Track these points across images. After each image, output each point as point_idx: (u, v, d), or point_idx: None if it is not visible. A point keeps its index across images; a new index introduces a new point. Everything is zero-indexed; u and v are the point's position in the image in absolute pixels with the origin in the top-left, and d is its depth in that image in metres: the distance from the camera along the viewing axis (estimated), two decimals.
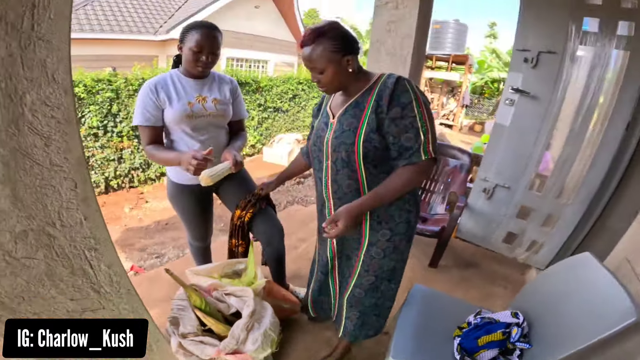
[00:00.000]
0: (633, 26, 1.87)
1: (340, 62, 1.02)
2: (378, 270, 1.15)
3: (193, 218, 1.59)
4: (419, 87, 1.02)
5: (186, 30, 1.32)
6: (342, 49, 1.01)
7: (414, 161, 0.99)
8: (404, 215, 1.09)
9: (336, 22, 1.04)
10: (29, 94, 0.61)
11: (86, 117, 4.46)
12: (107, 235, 0.81)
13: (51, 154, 0.66)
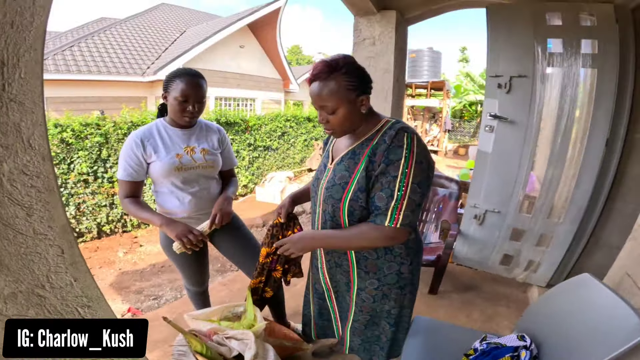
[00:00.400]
0: (596, 44, 1.97)
1: (354, 102, 0.93)
2: (372, 311, 1.11)
3: (188, 266, 1.54)
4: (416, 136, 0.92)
5: (170, 79, 1.29)
6: (357, 87, 0.92)
7: (377, 222, 0.91)
8: (394, 267, 1.02)
9: (350, 56, 0.96)
10: (6, 163, 0.60)
11: (75, 163, 4.38)
12: (99, 294, 0.81)
13: (34, 223, 0.65)
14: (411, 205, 0.88)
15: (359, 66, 0.95)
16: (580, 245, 2.22)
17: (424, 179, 0.89)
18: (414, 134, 0.91)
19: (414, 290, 1.09)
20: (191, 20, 12.44)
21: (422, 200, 0.90)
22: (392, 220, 0.89)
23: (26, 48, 0.61)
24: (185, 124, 1.35)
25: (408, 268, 1.03)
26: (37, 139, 0.64)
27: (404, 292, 1.07)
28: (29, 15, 0.61)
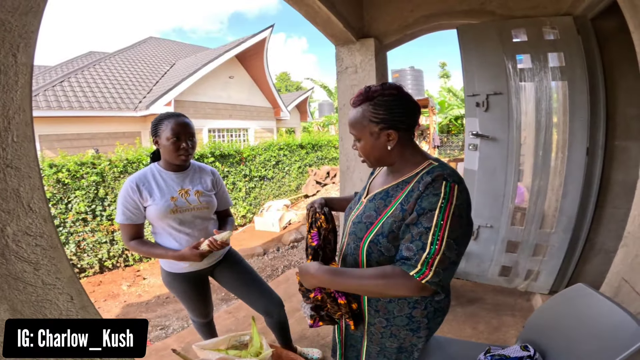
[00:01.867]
0: (562, 56, 2.05)
1: (377, 135, 0.87)
2: (381, 345, 1.04)
3: (191, 301, 1.57)
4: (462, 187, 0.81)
5: (156, 124, 1.35)
6: (383, 120, 0.86)
7: (403, 269, 0.80)
8: (404, 310, 0.93)
9: (394, 86, 0.88)
10: (9, 226, 0.63)
11: (73, 202, 4.39)
12: None
13: (42, 276, 0.68)
14: (444, 262, 0.77)
15: (397, 100, 0.87)
16: (577, 252, 2.23)
17: (461, 235, 0.79)
18: (455, 183, 0.80)
19: (430, 335, 1.00)
20: (179, 53, 12.75)
21: (458, 259, 0.79)
22: (420, 273, 0.78)
23: (15, 109, 0.63)
24: (181, 163, 1.39)
25: (422, 313, 0.93)
26: (36, 202, 0.68)
27: (418, 335, 0.97)
28: (13, 73, 0.64)
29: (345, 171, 2.82)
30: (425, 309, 0.93)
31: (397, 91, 0.88)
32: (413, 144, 0.92)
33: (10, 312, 0.63)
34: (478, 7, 2.27)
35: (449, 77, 22.42)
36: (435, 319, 0.97)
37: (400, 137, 0.88)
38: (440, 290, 0.79)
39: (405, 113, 0.87)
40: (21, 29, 0.64)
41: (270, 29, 10.14)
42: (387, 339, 1.01)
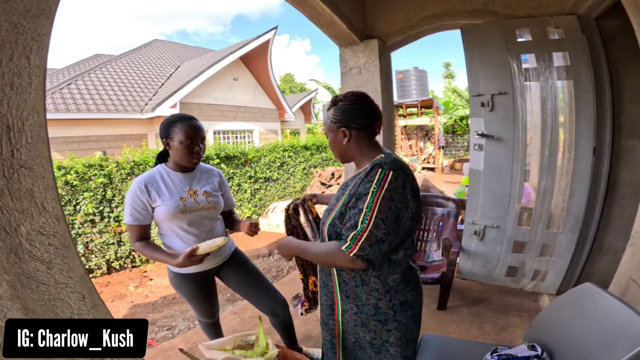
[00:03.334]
0: (567, 55, 2.04)
1: (336, 132, 1.04)
2: (355, 335, 1.08)
3: (197, 301, 1.59)
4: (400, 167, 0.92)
5: (168, 126, 1.36)
6: (339, 120, 1.02)
7: (341, 245, 0.92)
8: (371, 299, 1.00)
9: (358, 95, 1.05)
10: (23, 225, 0.63)
11: (81, 204, 4.45)
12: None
13: (55, 275, 0.69)
14: (371, 239, 0.88)
15: (352, 104, 1.03)
16: (585, 252, 2.21)
17: (391, 216, 0.88)
18: (390, 170, 0.90)
19: (403, 329, 1.03)
20: (184, 55, 12.85)
21: (386, 237, 0.89)
22: (348, 247, 0.90)
23: (29, 111, 0.65)
24: (193, 165, 1.42)
25: (387, 305, 0.99)
26: (50, 202, 0.69)
27: (387, 327, 1.01)
28: (27, 76, 0.65)
29: (349, 172, 2.82)
30: (390, 301, 0.99)
31: (356, 98, 1.04)
32: (371, 142, 1.05)
33: (23, 310, 0.64)
34: (481, 7, 2.27)
35: (453, 78, 22.35)
36: (403, 313, 1.01)
37: (354, 135, 1.03)
38: (369, 265, 0.91)
39: (359, 115, 1.02)
40: (33, 32, 0.66)
41: (274, 30, 10.18)
42: (360, 328, 1.05)
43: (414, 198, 0.93)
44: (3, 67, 0.61)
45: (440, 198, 2.84)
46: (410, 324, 1.05)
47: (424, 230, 2.78)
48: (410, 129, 13.46)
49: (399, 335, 1.03)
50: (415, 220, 0.97)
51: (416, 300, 1.04)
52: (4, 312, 0.61)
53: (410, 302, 1.02)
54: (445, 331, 2.09)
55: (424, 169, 11.70)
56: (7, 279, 0.61)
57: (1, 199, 0.60)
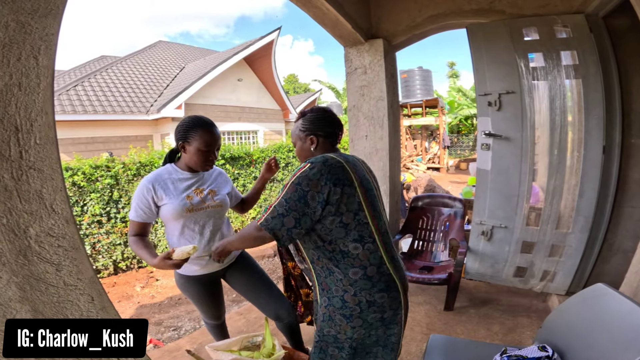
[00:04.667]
0: (575, 54, 2.02)
1: (304, 139, 1.16)
2: (321, 329, 1.10)
3: (204, 303, 1.59)
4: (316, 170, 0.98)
5: (188, 129, 1.34)
6: (307, 129, 1.15)
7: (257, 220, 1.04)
8: (339, 290, 1.03)
9: (323, 109, 1.19)
10: (32, 227, 0.63)
11: (88, 205, 4.49)
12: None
13: (64, 277, 0.68)
14: (274, 212, 0.98)
15: (318, 116, 1.17)
16: (594, 252, 2.18)
17: (294, 198, 0.96)
18: (309, 163, 1.00)
19: (367, 327, 1.03)
20: (189, 56, 12.91)
21: (287, 212, 0.96)
22: (258, 219, 1.02)
23: (37, 112, 0.64)
24: (205, 171, 1.45)
25: (353, 299, 1.01)
26: (59, 203, 0.68)
27: (352, 324, 1.02)
28: (35, 76, 0.65)
29: None
30: (355, 296, 1.01)
31: (322, 111, 1.19)
32: (333, 149, 1.17)
33: (32, 313, 0.64)
34: (487, 6, 2.25)
35: (458, 77, 22.20)
36: (369, 312, 1.02)
37: (321, 142, 1.15)
38: (267, 231, 0.98)
39: (324, 125, 1.15)
40: (41, 32, 0.65)
41: (277, 31, 10.19)
42: (326, 322, 1.07)
43: (338, 186, 0.97)
44: (11, 67, 0.61)
45: (447, 198, 2.82)
46: (378, 328, 1.05)
47: (430, 230, 2.77)
48: (415, 129, 13.40)
49: (360, 333, 1.04)
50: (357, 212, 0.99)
51: (386, 303, 1.02)
52: (13, 315, 0.61)
53: (377, 302, 1.01)
54: (452, 332, 2.07)
55: (429, 169, 11.64)
56: (16, 281, 0.60)
57: (10, 201, 0.60)
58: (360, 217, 0.99)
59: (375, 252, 1.02)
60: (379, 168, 2.67)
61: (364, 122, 2.66)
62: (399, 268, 1.08)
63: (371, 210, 1.03)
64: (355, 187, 1.00)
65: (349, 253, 1.00)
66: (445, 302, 2.33)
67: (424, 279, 2.31)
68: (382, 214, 1.10)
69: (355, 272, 1.01)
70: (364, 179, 1.05)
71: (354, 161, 1.08)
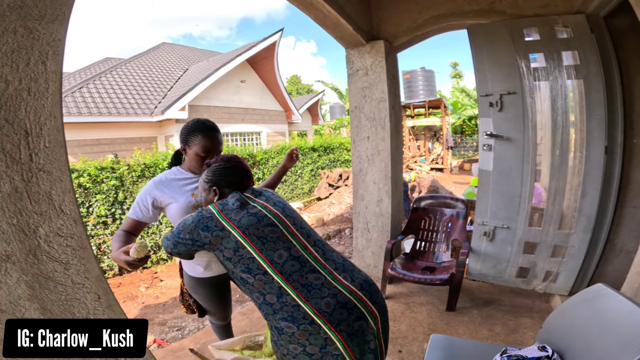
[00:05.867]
0: (576, 54, 2.02)
1: (208, 191, 1.22)
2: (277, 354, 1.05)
3: (212, 304, 1.61)
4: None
5: (189, 132, 1.37)
6: (210, 180, 1.20)
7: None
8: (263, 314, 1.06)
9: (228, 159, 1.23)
10: (41, 227, 0.65)
11: (94, 206, 4.54)
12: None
13: (72, 275, 0.71)
14: (167, 234, 1.16)
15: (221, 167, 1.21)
16: (597, 252, 2.18)
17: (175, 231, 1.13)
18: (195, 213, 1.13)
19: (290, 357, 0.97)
20: (192, 58, 12.97)
21: (170, 237, 1.14)
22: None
23: (46, 116, 0.67)
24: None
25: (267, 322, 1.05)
26: (67, 204, 0.71)
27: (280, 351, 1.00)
28: (43, 81, 0.67)
29: (357, 173, 2.82)
30: (267, 319, 1.04)
31: (227, 160, 1.23)
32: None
33: (41, 311, 0.65)
34: (488, 7, 2.26)
35: (461, 77, 22.14)
36: (284, 341, 0.96)
37: (226, 192, 1.19)
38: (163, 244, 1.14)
39: (226, 176, 1.19)
40: (49, 37, 0.67)
41: (280, 32, 10.23)
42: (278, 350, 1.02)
43: (207, 231, 1.07)
44: (20, 73, 0.63)
45: (449, 199, 2.83)
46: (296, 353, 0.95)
47: (433, 231, 2.77)
48: (418, 130, 13.38)
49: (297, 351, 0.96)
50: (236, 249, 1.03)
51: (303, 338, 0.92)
52: (22, 312, 0.63)
53: (284, 331, 0.95)
54: (454, 332, 2.07)
55: (432, 170, 11.61)
56: (25, 279, 0.62)
57: (20, 202, 0.62)
58: (240, 253, 1.02)
59: (271, 282, 0.98)
60: (381, 169, 2.68)
61: (366, 124, 2.67)
62: (322, 297, 0.95)
63: (257, 244, 1.01)
64: (229, 230, 1.05)
65: (245, 280, 1.04)
66: (447, 303, 2.33)
67: (426, 280, 2.32)
68: (282, 243, 1.03)
69: (257, 296, 1.02)
70: (244, 218, 1.06)
71: (233, 206, 1.09)
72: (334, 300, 0.95)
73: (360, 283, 1.03)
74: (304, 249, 1.06)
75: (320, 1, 1.95)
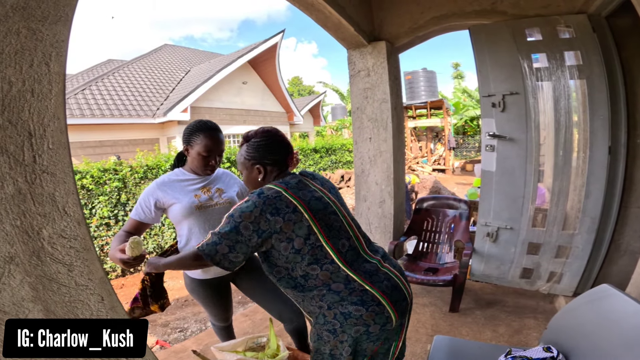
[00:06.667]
0: (579, 54, 2.01)
1: (251, 169, 1.11)
2: (317, 349, 1.07)
3: (213, 306, 1.61)
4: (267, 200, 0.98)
5: (191, 133, 1.37)
6: (253, 157, 1.10)
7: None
8: (317, 309, 1.03)
9: (268, 132, 1.13)
10: (45, 229, 0.65)
11: (96, 207, 4.56)
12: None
13: (75, 277, 0.70)
14: (209, 239, 1.00)
15: (263, 141, 1.11)
16: (602, 253, 2.16)
17: (226, 229, 0.98)
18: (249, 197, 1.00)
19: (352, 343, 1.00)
20: (194, 60, 13.03)
21: (219, 241, 0.98)
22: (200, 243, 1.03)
23: (50, 117, 0.66)
24: (206, 175, 1.47)
25: (329, 313, 1.00)
26: (71, 206, 0.70)
27: (338, 338, 1.00)
28: (47, 82, 0.67)
29: (360, 175, 2.82)
30: (330, 309, 1.00)
31: (268, 134, 1.12)
32: (281, 175, 1.12)
33: (44, 312, 0.65)
34: (489, 7, 2.25)
35: (462, 78, 22.11)
36: (348, 325, 0.98)
37: (269, 170, 1.10)
38: (204, 257, 0.99)
39: (270, 153, 1.10)
40: (52, 38, 0.67)
41: (281, 34, 10.26)
42: (318, 342, 1.05)
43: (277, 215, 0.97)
44: (24, 74, 0.63)
45: (452, 200, 2.82)
46: (363, 341, 1.00)
47: (435, 232, 2.77)
48: (420, 131, 13.37)
49: (351, 350, 1.00)
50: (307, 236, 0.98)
51: (364, 317, 0.97)
52: (25, 314, 0.63)
53: (352, 314, 0.97)
54: (457, 333, 2.06)
55: (434, 171, 11.58)
56: (29, 281, 0.62)
57: (24, 204, 0.62)
58: (311, 240, 0.98)
59: (337, 272, 0.99)
60: (383, 170, 2.68)
61: (368, 125, 2.67)
62: (380, 280, 1.02)
63: (325, 231, 1.00)
64: (301, 212, 0.98)
65: (309, 274, 1.00)
66: (450, 304, 2.32)
67: (429, 281, 2.31)
68: (343, 232, 1.05)
69: (320, 290, 1.00)
70: (313, 200, 1.02)
71: (296, 185, 1.04)
72: (389, 284, 1.02)
73: (398, 269, 1.11)
74: (356, 239, 1.09)
75: (321, 2, 1.96)
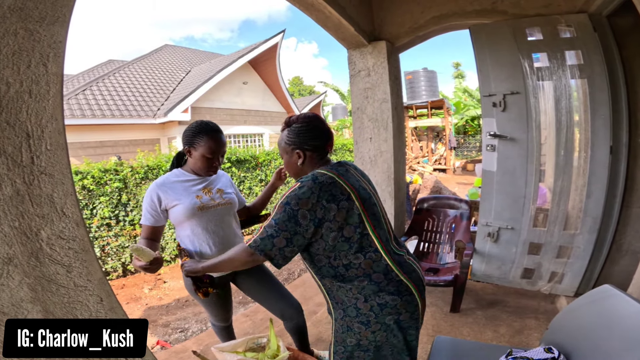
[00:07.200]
0: (580, 54, 2.00)
1: (291, 154, 1.11)
2: (344, 342, 1.08)
3: (213, 306, 1.61)
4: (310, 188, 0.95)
5: (195, 134, 1.37)
6: (293, 142, 1.09)
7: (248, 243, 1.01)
8: (352, 300, 1.03)
9: (310, 117, 1.11)
10: (43, 230, 0.65)
11: (97, 208, 4.56)
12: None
13: (74, 278, 0.70)
14: (263, 233, 0.97)
15: (305, 126, 1.09)
16: (603, 253, 2.16)
17: (283, 218, 0.95)
18: (299, 182, 0.98)
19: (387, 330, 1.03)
20: (194, 60, 13.02)
21: (276, 233, 0.95)
22: (248, 240, 1.01)
23: (48, 118, 0.66)
24: (208, 176, 1.47)
25: (365, 305, 1.01)
26: (69, 207, 0.70)
27: (371, 329, 1.03)
28: (45, 83, 0.67)
29: None
30: (367, 302, 1.01)
31: (308, 120, 1.10)
32: (322, 161, 1.11)
33: (43, 313, 0.65)
34: (490, 7, 2.25)
35: (463, 78, 22.09)
36: (384, 315, 1.01)
37: (308, 156, 1.09)
38: (258, 253, 0.97)
39: (311, 138, 1.08)
40: (50, 39, 0.67)
41: (282, 34, 10.25)
42: (347, 333, 1.06)
43: (332, 202, 0.95)
44: (21, 75, 0.62)
45: (453, 200, 2.81)
46: (397, 331, 1.03)
47: (436, 232, 2.76)
48: (421, 130, 13.35)
49: (384, 338, 1.03)
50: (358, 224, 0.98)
51: (399, 306, 1.01)
52: (24, 315, 0.63)
53: (388, 304, 1.01)
54: (458, 334, 2.06)
55: (435, 170, 11.57)
56: (28, 282, 0.62)
57: (22, 205, 0.62)
58: (361, 228, 0.98)
59: (379, 260, 1.01)
60: (384, 170, 2.67)
61: (368, 125, 2.66)
62: (410, 271, 1.06)
63: (371, 219, 1.02)
64: (353, 200, 0.98)
65: (351, 264, 1.00)
66: (451, 304, 2.32)
67: (430, 281, 2.30)
68: (383, 221, 1.08)
69: (361, 280, 1.01)
70: (361, 189, 1.03)
71: (345, 172, 1.05)
72: (415, 275, 1.07)
73: (417, 263, 1.15)
74: (388, 231, 1.11)
75: (321, 2, 1.96)
